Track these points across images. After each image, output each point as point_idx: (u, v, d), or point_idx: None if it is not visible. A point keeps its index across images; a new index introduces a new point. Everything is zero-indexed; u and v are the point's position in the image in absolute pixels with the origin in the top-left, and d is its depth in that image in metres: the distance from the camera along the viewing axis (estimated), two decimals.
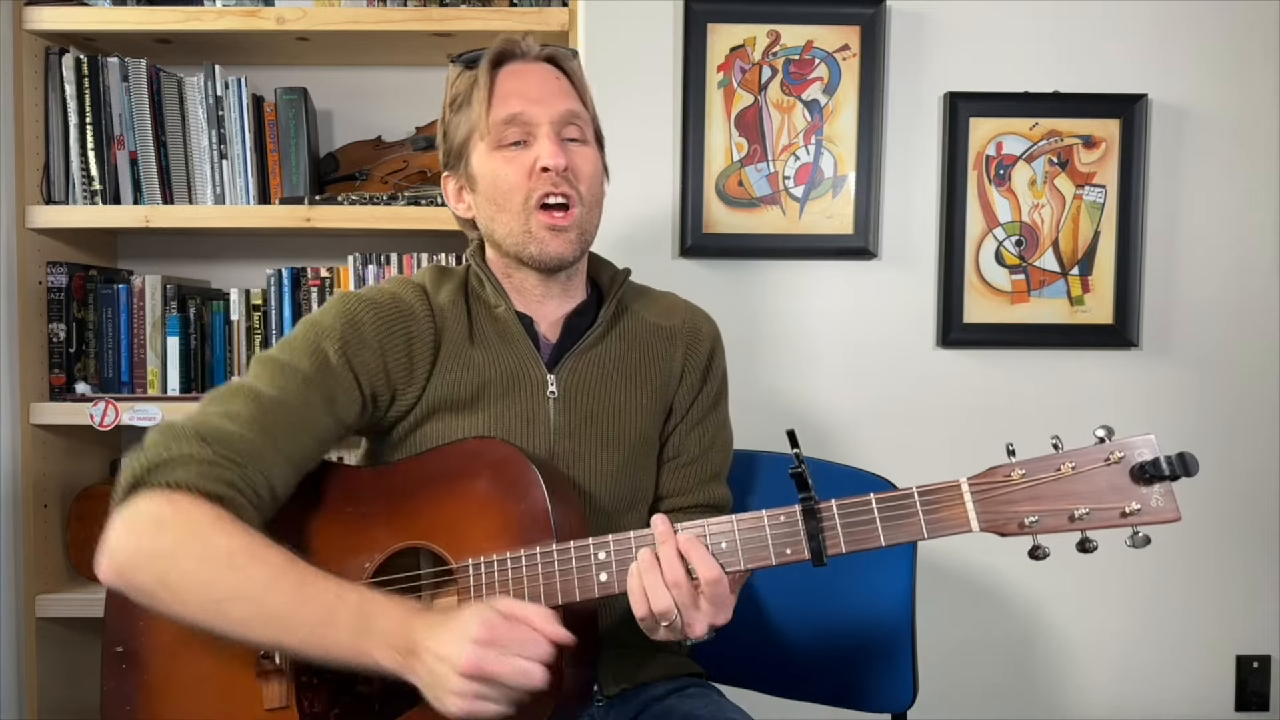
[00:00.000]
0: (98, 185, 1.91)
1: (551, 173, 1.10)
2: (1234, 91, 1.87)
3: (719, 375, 1.28)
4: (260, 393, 1.03)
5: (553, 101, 1.13)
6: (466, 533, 1.01)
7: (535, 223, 1.12)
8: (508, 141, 1.12)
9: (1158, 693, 1.93)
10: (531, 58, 1.16)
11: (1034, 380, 1.90)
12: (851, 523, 0.95)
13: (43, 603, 1.90)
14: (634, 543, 0.99)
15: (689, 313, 1.28)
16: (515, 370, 1.15)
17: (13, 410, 1.88)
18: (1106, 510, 0.92)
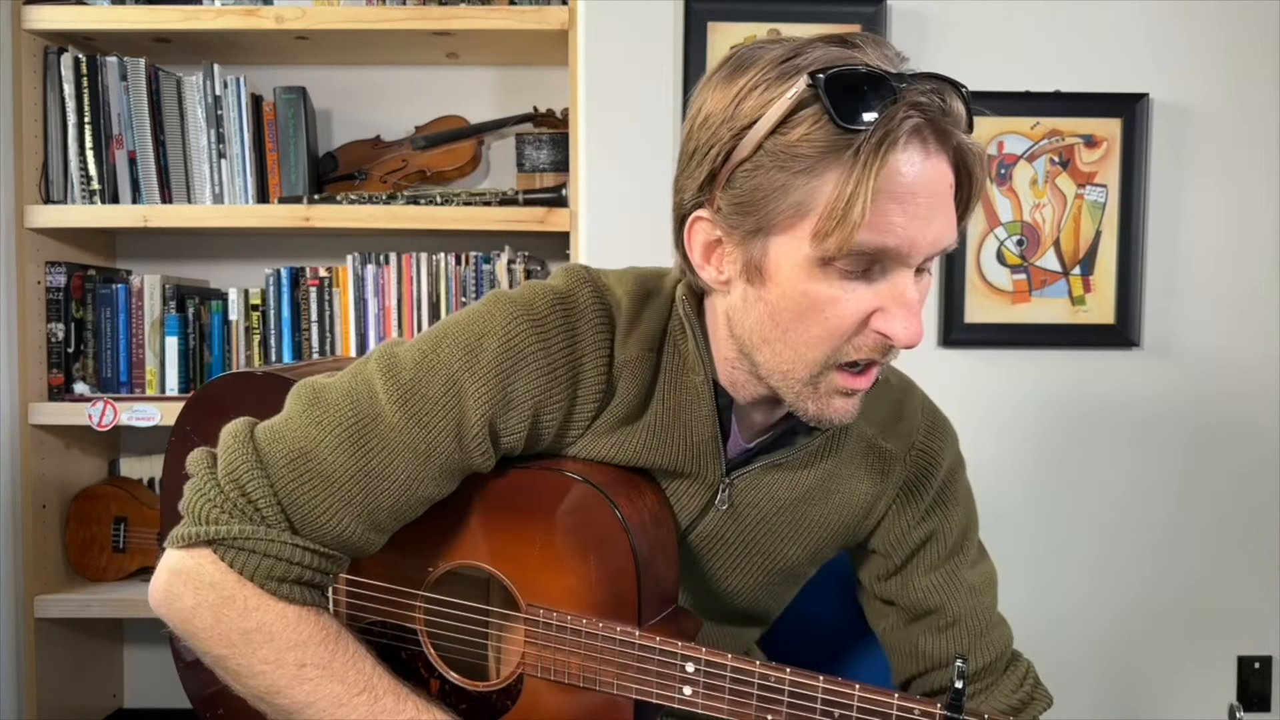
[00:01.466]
0: (96, 185, 1.91)
1: (889, 342, 0.78)
2: (1235, 91, 1.87)
3: (959, 508, 1.00)
4: (369, 451, 0.82)
5: (935, 232, 0.76)
6: (540, 576, 0.89)
7: (828, 382, 0.81)
8: (844, 269, 0.76)
9: (1158, 693, 1.93)
10: (943, 144, 0.75)
11: (1035, 380, 1.89)
12: None
13: (41, 603, 1.89)
14: (729, 669, 0.84)
15: (921, 431, 0.99)
16: (684, 459, 0.91)
17: (12, 410, 1.88)
18: None
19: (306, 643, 0.82)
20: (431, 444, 0.83)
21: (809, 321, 0.78)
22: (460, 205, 1.91)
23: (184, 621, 0.83)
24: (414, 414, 0.83)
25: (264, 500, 0.81)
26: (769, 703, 0.83)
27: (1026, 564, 1.91)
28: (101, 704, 2.12)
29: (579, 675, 0.88)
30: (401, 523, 0.87)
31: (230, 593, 0.81)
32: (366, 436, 0.82)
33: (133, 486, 2.04)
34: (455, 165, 2.06)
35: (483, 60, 2.10)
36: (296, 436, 0.82)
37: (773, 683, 0.83)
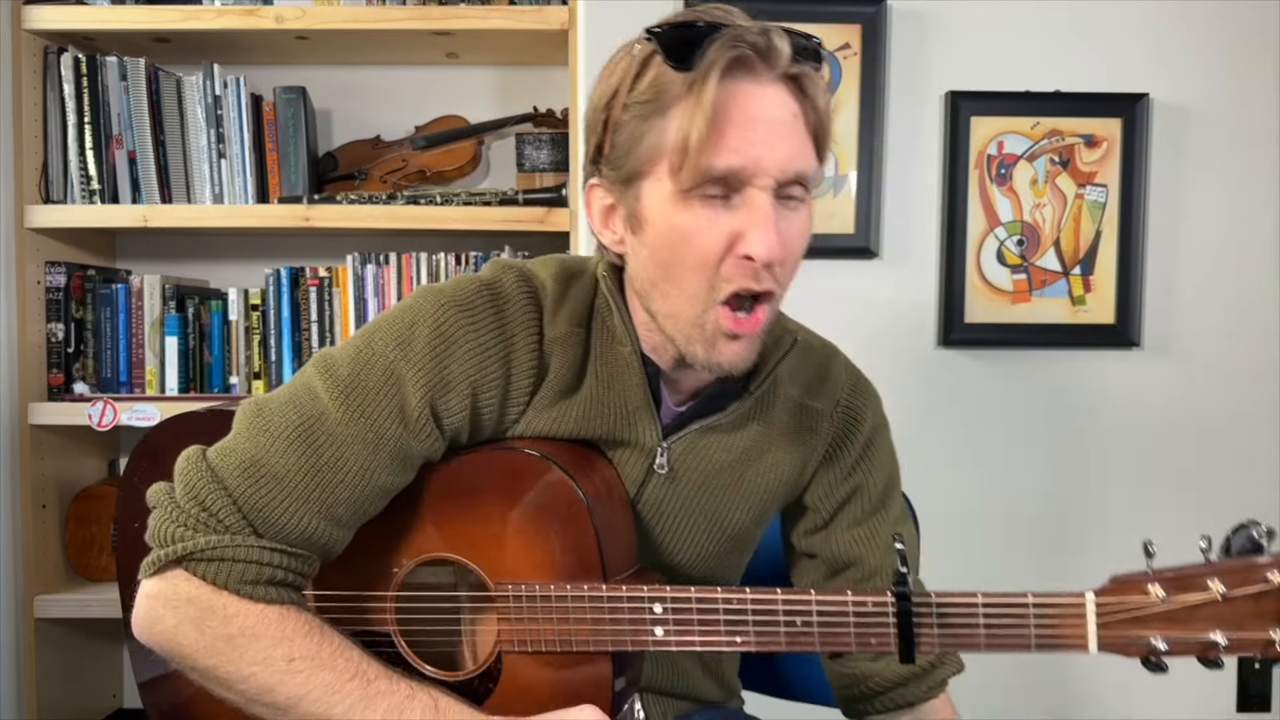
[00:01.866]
0: (96, 185, 1.91)
1: (754, 263, 0.82)
2: (1235, 91, 1.87)
3: (883, 467, 1.05)
4: (318, 448, 0.85)
5: (783, 153, 0.82)
6: (506, 555, 0.91)
7: (712, 320, 0.85)
8: (703, 196, 0.82)
9: (1158, 693, 1.93)
10: (774, 72, 0.82)
11: (1035, 380, 1.89)
12: (949, 623, 0.84)
13: (41, 603, 1.89)
14: (695, 603, 0.88)
15: (846, 389, 1.04)
16: (621, 427, 0.95)
17: (11, 410, 1.88)
18: (1249, 639, 0.79)
19: (291, 637, 0.83)
20: (378, 433, 0.86)
21: (681, 253, 0.83)
22: (460, 205, 1.91)
23: (169, 642, 0.84)
24: (356, 407, 0.86)
25: (224, 510, 0.83)
26: (735, 625, 0.87)
27: (1025, 564, 1.91)
28: (101, 704, 2.12)
29: (555, 640, 0.90)
30: (362, 516, 0.88)
31: (208, 604, 0.82)
32: (314, 435, 0.85)
33: None
34: (455, 165, 2.06)
35: (483, 60, 2.11)
36: (246, 448, 0.85)
37: (735, 605, 0.87)
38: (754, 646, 0.87)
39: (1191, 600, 0.79)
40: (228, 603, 0.82)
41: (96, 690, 2.11)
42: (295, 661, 0.83)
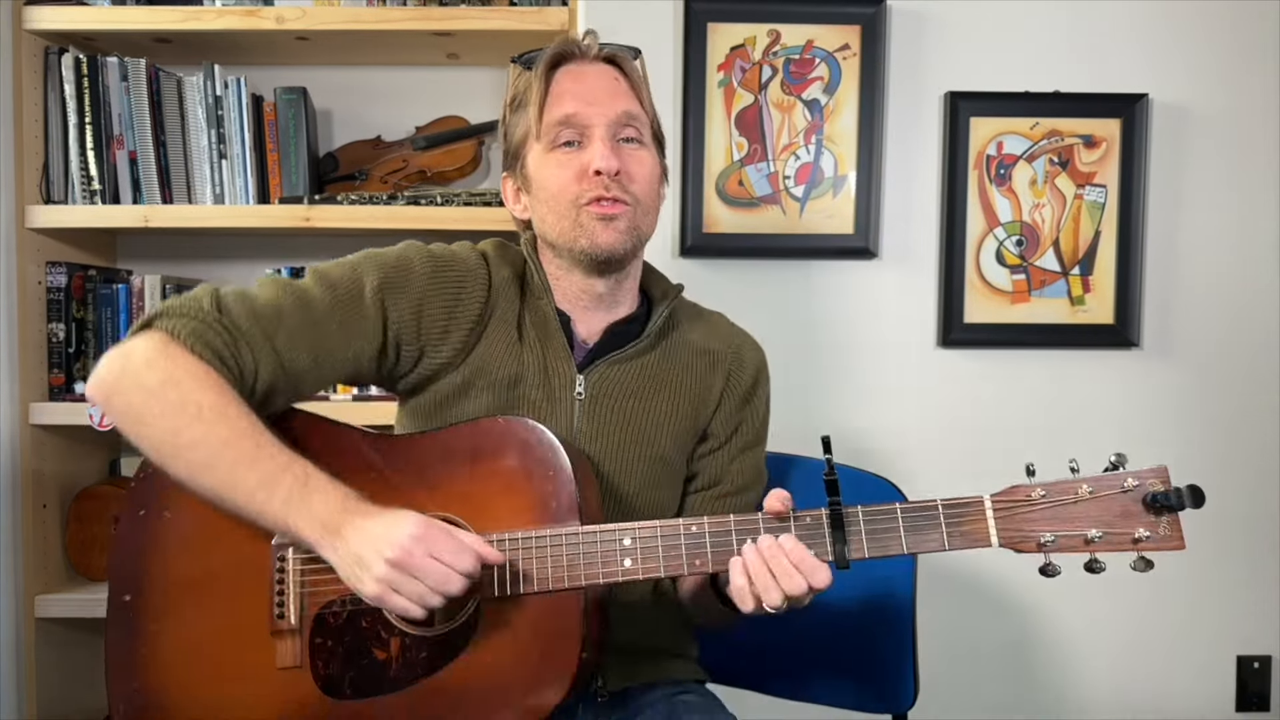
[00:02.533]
0: (97, 185, 1.91)
1: (603, 176, 1.09)
2: (1234, 91, 1.87)
3: (762, 406, 1.25)
4: (287, 292, 1.07)
5: (608, 103, 1.12)
6: (490, 509, 1.02)
7: (585, 214, 1.10)
8: (560, 142, 1.11)
9: (1158, 693, 1.93)
10: (590, 58, 1.15)
11: (1034, 380, 1.90)
12: (876, 529, 0.98)
13: (42, 603, 1.90)
14: (659, 531, 1.01)
15: (736, 337, 1.26)
16: (547, 366, 1.15)
17: (12, 410, 1.88)
18: (1119, 535, 0.99)
19: (209, 391, 0.98)
20: (336, 298, 1.08)
21: (552, 187, 1.12)
22: (461, 206, 1.91)
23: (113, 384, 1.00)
24: (327, 283, 1.09)
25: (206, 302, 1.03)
26: (695, 551, 1.00)
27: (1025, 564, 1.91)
28: (102, 704, 2.11)
29: (532, 580, 0.99)
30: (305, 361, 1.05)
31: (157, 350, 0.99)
32: (291, 288, 1.08)
33: None
34: (456, 166, 2.06)
35: (483, 61, 2.11)
36: (239, 288, 1.07)
37: (695, 531, 1.01)
38: (710, 567, 1.00)
39: (1066, 500, 1.00)
40: (172, 348, 0.99)
41: (97, 690, 2.11)
42: (204, 410, 0.97)
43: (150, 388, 0.98)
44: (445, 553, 0.93)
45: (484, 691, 0.99)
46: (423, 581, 0.93)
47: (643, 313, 1.22)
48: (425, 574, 0.93)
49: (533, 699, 0.98)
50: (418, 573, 0.93)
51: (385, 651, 1.02)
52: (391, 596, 0.94)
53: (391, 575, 0.93)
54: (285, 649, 1.03)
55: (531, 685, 0.98)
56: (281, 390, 1.06)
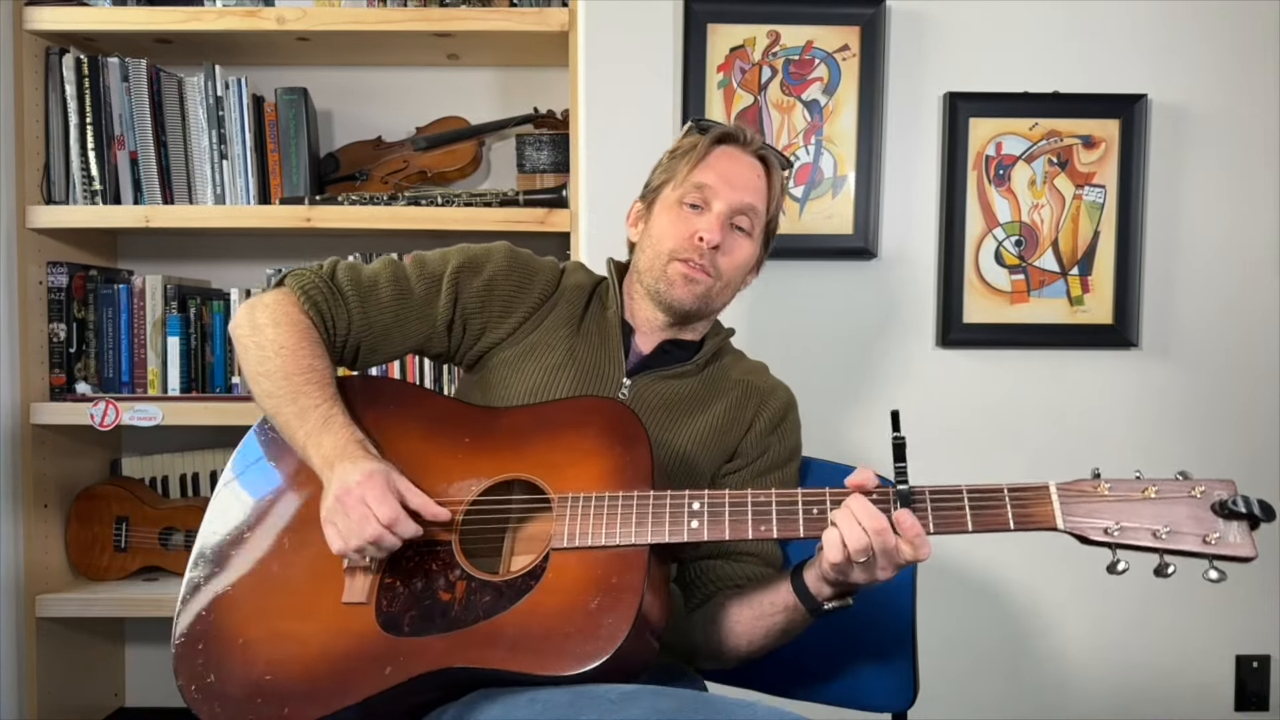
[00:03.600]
0: (98, 185, 1.91)
1: (704, 244, 1.24)
2: (1234, 91, 1.88)
3: (790, 436, 1.34)
4: (388, 268, 1.27)
5: (741, 190, 1.26)
6: (570, 473, 1.10)
7: (673, 267, 1.25)
8: (687, 201, 1.26)
9: (1158, 693, 1.93)
10: (750, 149, 1.29)
11: (1034, 380, 1.90)
12: (942, 506, 1.02)
13: (43, 602, 1.90)
14: (727, 498, 1.06)
15: (773, 381, 1.37)
16: (600, 364, 1.27)
17: (13, 410, 1.89)
18: (1187, 535, 0.98)
19: (292, 335, 1.17)
20: (421, 275, 1.27)
21: (664, 231, 1.28)
22: (461, 206, 1.91)
23: (235, 331, 1.21)
24: (419, 264, 1.29)
25: (327, 266, 1.26)
26: (761, 518, 1.06)
27: (1025, 564, 1.92)
28: (103, 703, 2.13)
29: (600, 535, 1.05)
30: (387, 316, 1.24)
31: (275, 296, 1.21)
32: (394, 264, 1.29)
33: (134, 486, 2.04)
34: (456, 166, 2.07)
35: (483, 61, 2.11)
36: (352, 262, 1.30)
37: (762, 500, 1.06)
38: (775, 534, 1.05)
39: (1134, 496, 0.99)
40: (284, 297, 1.21)
41: (98, 689, 2.11)
42: (283, 348, 1.16)
43: (258, 324, 1.18)
44: (371, 500, 1.05)
45: (538, 636, 1.00)
46: (349, 518, 1.05)
47: (695, 344, 1.35)
48: (350, 512, 1.05)
49: (588, 646, 0.98)
50: (348, 510, 1.05)
51: (450, 594, 1.06)
52: (327, 526, 1.08)
53: (332, 508, 1.07)
54: (356, 585, 1.08)
55: (586, 634, 0.99)
56: (367, 346, 1.26)
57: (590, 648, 0.97)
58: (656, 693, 0.94)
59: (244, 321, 1.21)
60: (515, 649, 0.99)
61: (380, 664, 1.02)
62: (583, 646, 0.98)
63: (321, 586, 1.09)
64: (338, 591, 1.08)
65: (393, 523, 1.04)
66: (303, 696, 1.02)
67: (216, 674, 1.06)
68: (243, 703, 1.03)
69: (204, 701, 1.05)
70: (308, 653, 1.05)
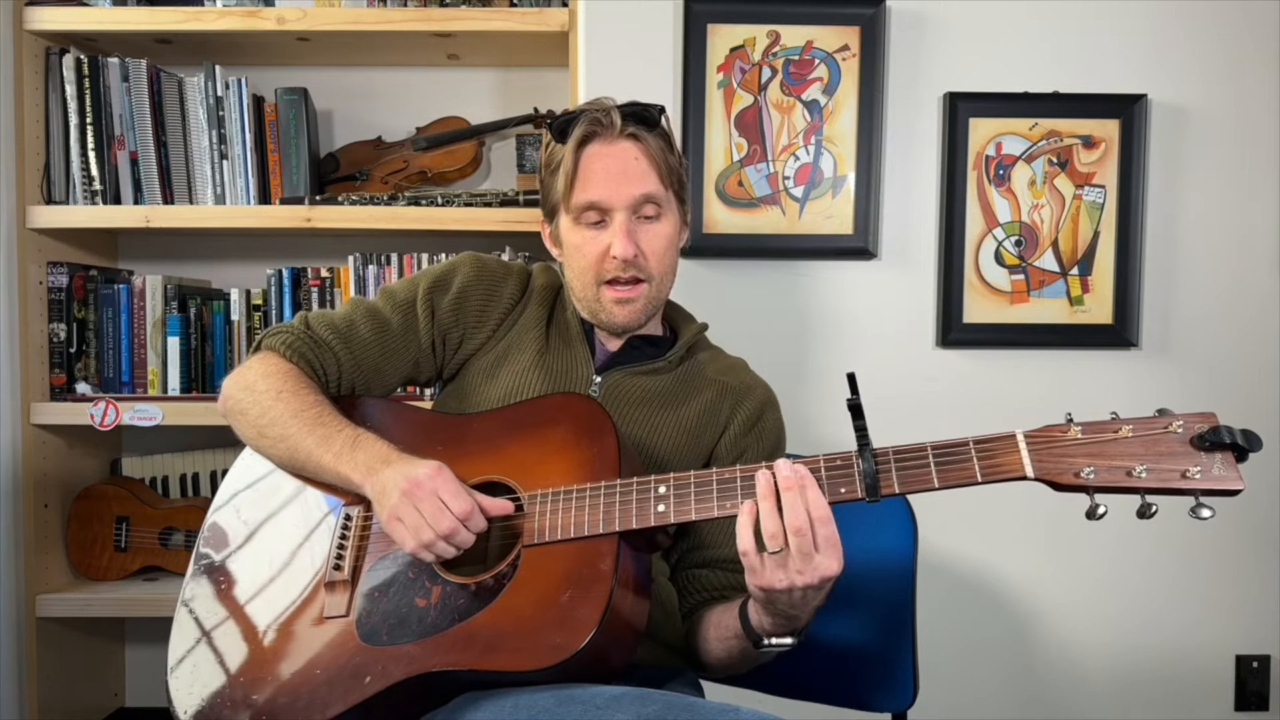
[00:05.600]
0: (98, 185, 1.91)
1: (620, 261, 1.20)
2: (1234, 91, 1.88)
3: (768, 436, 1.29)
4: (359, 308, 1.28)
5: (629, 187, 1.21)
6: (541, 471, 1.11)
7: (604, 296, 1.23)
8: (586, 222, 1.22)
9: (1158, 692, 1.93)
10: (613, 136, 1.22)
11: (1034, 380, 1.90)
12: (906, 464, 0.98)
13: (43, 602, 1.90)
14: (693, 479, 1.04)
15: (750, 379, 1.33)
16: (569, 364, 1.27)
17: (13, 410, 1.89)
18: (1166, 471, 0.92)
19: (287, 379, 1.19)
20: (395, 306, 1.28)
21: (576, 258, 1.25)
22: (461, 206, 1.92)
23: (231, 388, 1.22)
24: (389, 296, 1.30)
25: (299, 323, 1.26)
26: (726, 495, 1.03)
27: (1025, 564, 1.92)
28: (103, 703, 2.13)
29: (569, 527, 1.05)
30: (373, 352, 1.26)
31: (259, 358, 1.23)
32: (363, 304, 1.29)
33: (134, 486, 2.04)
34: (456, 166, 2.07)
35: (483, 62, 2.11)
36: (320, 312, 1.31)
37: (727, 477, 1.03)
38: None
39: (1106, 437, 0.94)
40: (269, 357, 1.22)
41: (98, 689, 2.11)
42: (283, 393, 1.17)
43: (249, 384, 1.20)
44: (445, 494, 1.04)
45: (511, 634, 1.00)
46: (420, 513, 1.04)
47: (669, 339, 1.33)
48: (423, 505, 1.04)
49: (559, 637, 0.98)
50: (419, 504, 1.04)
51: (426, 600, 1.07)
52: (395, 525, 1.06)
53: (400, 503, 1.05)
54: (335, 599, 1.10)
55: (559, 625, 0.99)
56: (360, 386, 1.26)
57: (561, 639, 0.97)
58: (642, 696, 0.93)
59: (233, 388, 1.22)
60: (489, 649, 0.99)
61: (360, 674, 1.03)
62: (554, 638, 0.97)
63: (304, 605, 1.11)
64: (319, 608, 1.10)
65: (467, 516, 1.05)
66: (287, 712, 1.04)
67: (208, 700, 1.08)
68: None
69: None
70: (292, 669, 1.07)
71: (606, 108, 1.23)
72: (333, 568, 1.12)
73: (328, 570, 1.12)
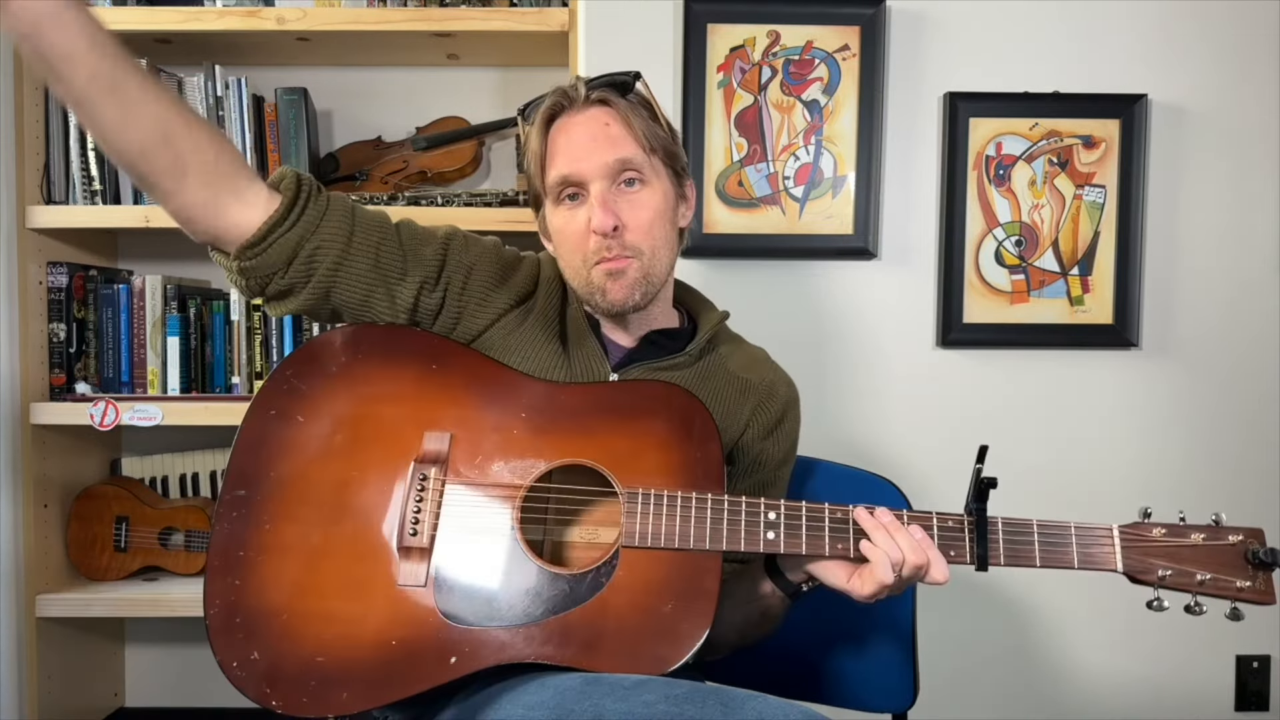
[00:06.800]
0: (98, 185, 1.91)
1: (600, 233, 1.11)
2: (1234, 91, 1.88)
3: (786, 439, 1.26)
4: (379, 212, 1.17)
5: (599, 154, 1.12)
6: (637, 465, 1.05)
7: (595, 273, 1.14)
8: (563, 198, 1.15)
9: (1158, 693, 1.93)
10: (580, 105, 1.14)
11: (1034, 380, 1.90)
12: (1013, 540, 1.09)
13: (43, 602, 1.90)
14: (804, 512, 1.03)
15: (772, 372, 1.27)
16: (584, 361, 1.18)
17: (13, 410, 1.88)
18: (1224, 581, 1.05)
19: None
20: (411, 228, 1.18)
21: (561, 243, 1.17)
22: (461, 206, 1.91)
23: None
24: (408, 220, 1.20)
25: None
26: (838, 534, 1.03)
27: None
28: (103, 703, 2.13)
29: (674, 537, 1.01)
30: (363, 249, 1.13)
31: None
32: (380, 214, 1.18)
33: (134, 486, 2.04)
34: (456, 166, 2.07)
35: (483, 61, 2.11)
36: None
37: (839, 517, 1.03)
38: (851, 554, 1.03)
39: (1183, 543, 1.07)
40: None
41: (98, 689, 2.11)
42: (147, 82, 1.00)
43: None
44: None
45: (614, 634, 0.98)
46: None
47: (688, 330, 1.26)
48: None
49: (663, 649, 0.97)
50: None
51: (515, 583, 1.01)
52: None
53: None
54: (412, 567, 1.02)
55: (663, 637, 0.97)
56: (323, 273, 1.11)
57: (665, 651, 0.96)
58: (669, 681, 0.93)
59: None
60: (588, 648, 0.97)
61: (444, 654, 0.97)
62: (658, 649, 0.96)
63: (372, 566, 1.02)
64: (390, 572, 1.02)
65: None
66: (362, 683, 0.97)
67: (261, 650, 0.99)
68: (295, 682, 0.97)
69: (250, 680, 0.98)
70: (363, 637, 0.99)
71: (573, 83, 1.16)
72: (409, 533, 1.03)
73: (404, 534, 1.03)
